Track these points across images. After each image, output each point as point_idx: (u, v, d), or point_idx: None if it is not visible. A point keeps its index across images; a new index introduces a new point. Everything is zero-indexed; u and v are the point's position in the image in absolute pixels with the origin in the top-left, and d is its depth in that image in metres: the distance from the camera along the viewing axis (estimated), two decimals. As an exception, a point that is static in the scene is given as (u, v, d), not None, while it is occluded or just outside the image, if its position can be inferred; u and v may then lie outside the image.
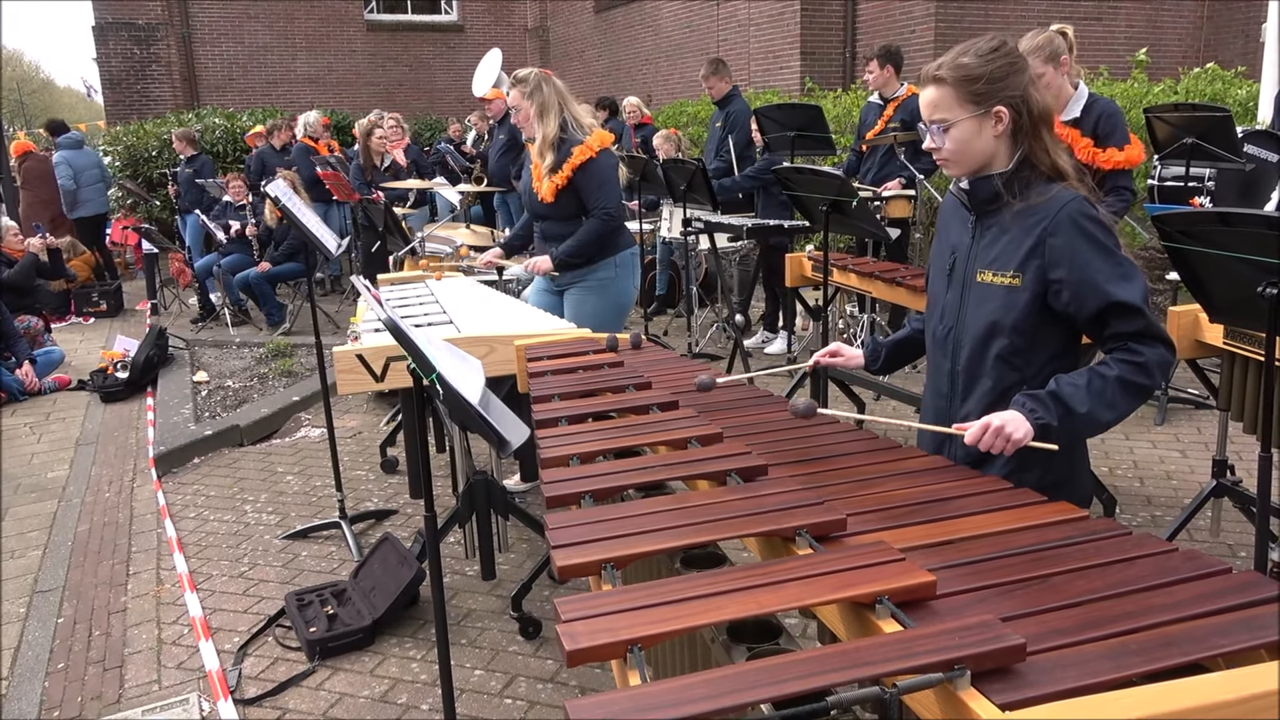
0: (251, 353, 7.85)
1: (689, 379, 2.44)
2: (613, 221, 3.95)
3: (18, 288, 7.92)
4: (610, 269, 4.01)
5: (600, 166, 3.88)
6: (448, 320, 3.61)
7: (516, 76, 3.98)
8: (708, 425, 1.90)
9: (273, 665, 3.22)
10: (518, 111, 3.99)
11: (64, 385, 7.17)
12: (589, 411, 2.09)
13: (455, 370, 1.96)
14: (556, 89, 3.94)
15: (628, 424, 2.00)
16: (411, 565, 3.47)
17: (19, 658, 3.39)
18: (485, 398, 1.98)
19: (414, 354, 1.66)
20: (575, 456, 1.79)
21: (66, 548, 4.33)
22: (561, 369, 2.50)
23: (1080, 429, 1.74)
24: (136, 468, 5.35)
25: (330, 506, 4.45)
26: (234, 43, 15.05)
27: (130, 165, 11.81)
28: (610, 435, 1.90)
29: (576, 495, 1.60)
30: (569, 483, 1.64)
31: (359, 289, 1.79)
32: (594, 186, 3.90)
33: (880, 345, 2.20)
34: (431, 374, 1.66)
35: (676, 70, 12.99)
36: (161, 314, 9.77)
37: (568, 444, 1.85)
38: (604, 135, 3.94)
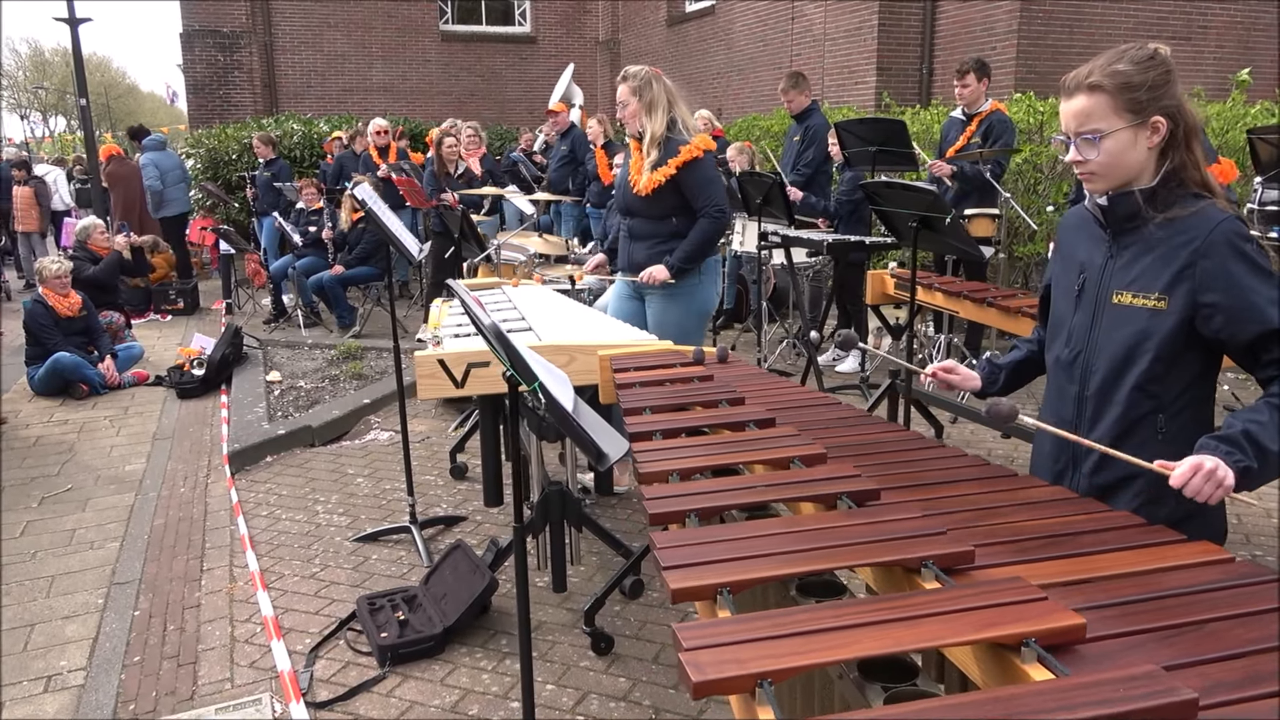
0: (323, 354, 7.95)
1: (781, 395, 2.36)
2: (724, 219, 3.92)
3: (102, 285, 8.14)
4: (694, 275, 3.95)
5: (706, 166, 3.87)
6: (527, 328, 3.58)
7: (626, 72, 3.96)
8: (811, 444, 1.82)
9: (344, 669, 3.21)
10: (624, 107, 3.96)
11: (142, 380, 7.34)
12: (683, 426, 2.02)
13: (550, 380, 1.91)
14: (666, 88, 3.92)
15: (726, 440, 1.93)
16: (484, 574, 3.44)
17: (97, 649, 3.43)
18: (579, 408, 1.93)
19: (515, 362, 1.61)
20: (675, 473, 1.73)
21: (143, 541, 4.39)
22: (650, 381, 2.44)
23: (1274, 469, 1.61)
24: (210, 464, 5.43)
25: (400, 510, 4.45)
26: (313, 51, 15.39)
27: (211, 168, 12.12)
28: (709, 452, 1.83)
29: (681, 514, 1.53)
30: (672, 500, 1.57)
31: (458, 293, 1.75)
32: (703, 185, 3.87)
33: (998, 368, 2.08)
34: (534, 383, 1.61)
35: (748, 84, 12.92)
36: (235, 313, 9.97)
37: (666, 459, 1.79)
38: (708, 139, 3.91)
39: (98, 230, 8.57)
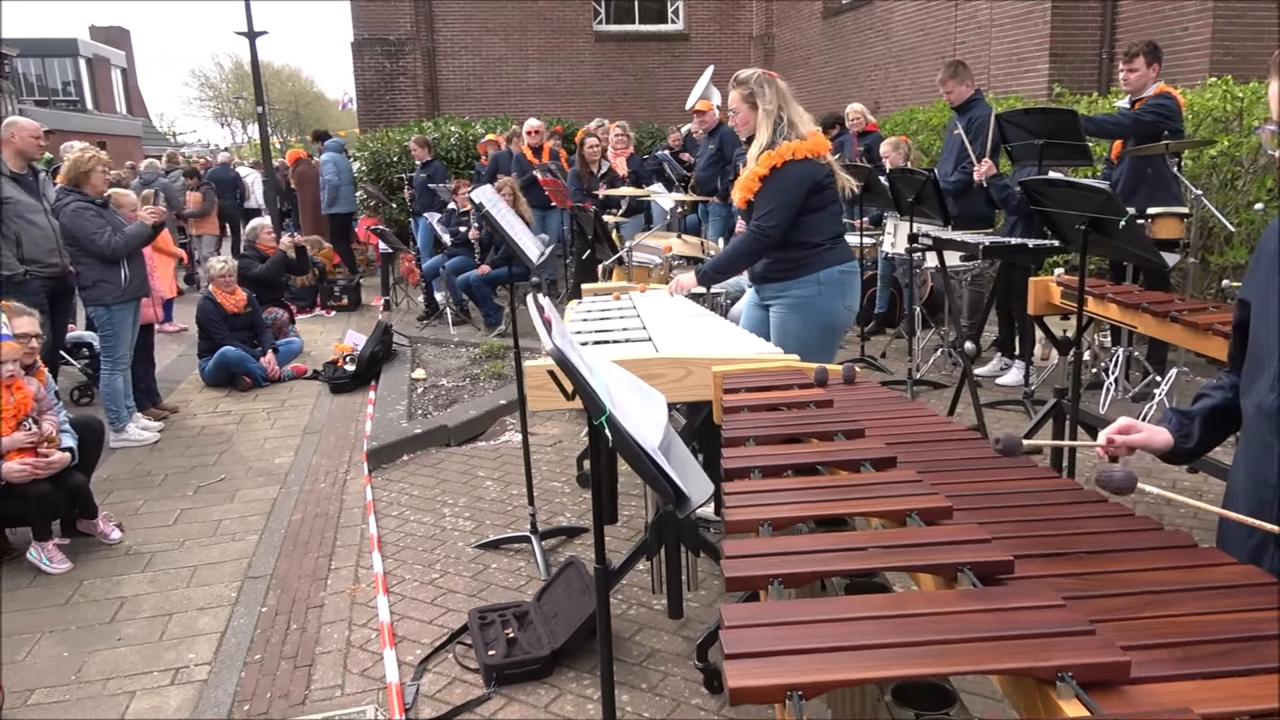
0: (468, 352, 8.08)
1: (909, 426, 2.08)
2: (764, 240, 3.62)
3: (268, 282, 8.56)
4: (811, 286, 3.65)
5: (782, 177, 3.55)
6: (646, 337, 3.40)
7: (738, 78, 3.73)
8: (933, 496, 1.55)
9: (449, 685, 3.13)
10: (735, 114, 3.75)
11: (300, 374, 7.65)
12: (788, 463, 1.78)
13: (635, 407, 1.71)
14: (779, 91, 3.65)
15: (834, 484, 1.67)
16: (593, 596, 3.28)
17: (224, 644, 3.50)
18: (668, 439, 1.72)
19: (583, 392, 1.43)
20: (767, 523, 1.50)
21: (280, 535, 4.49)
22: (760, 404, 2.20)
23: None
24: (351, 460, 5.55)
25: (524, 518, 4.37)
26: (472, 55, 15.81)
27: (374, 170, 12.62)
28: (812, 498, 1.59)
29: (764, 579, 1.30)
30: (756, 560, 1.34)
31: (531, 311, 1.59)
32: (765, 194, 3.59)
33: (1188, 418, 1.70)
34: (600, 416, 1.42)
35: (907, 75, 12.30)
36: (393, 310, 10.32)
37: (759, 505, 1.55)
38: (812, 144, 3.60)
39: (265, 231, 9.03)
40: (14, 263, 5.47)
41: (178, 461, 5.66)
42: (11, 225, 5.47)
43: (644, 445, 1.48)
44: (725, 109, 3.90)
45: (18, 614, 3.77)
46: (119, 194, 6.32)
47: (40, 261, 5.59)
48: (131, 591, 3.94)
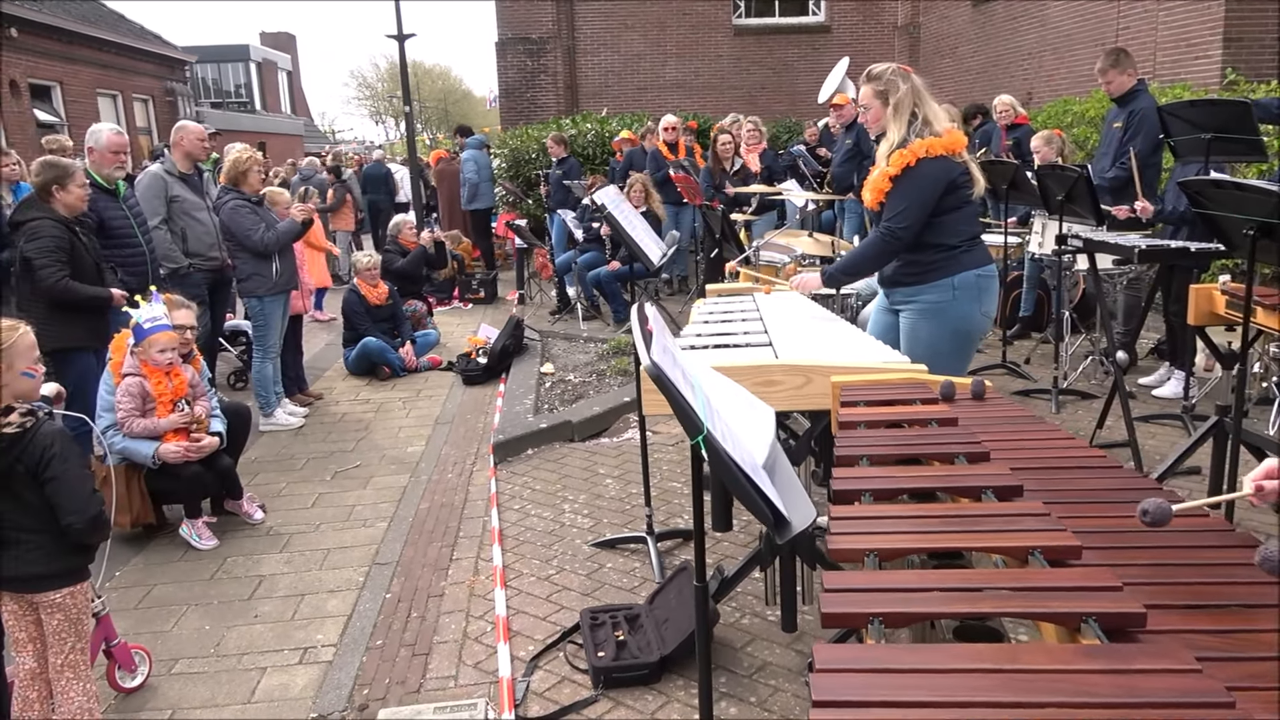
0: (596, 348, 8.14)
1: (1040, 450, 1.93)
2: (893, 243, 3.44)
3: (408, 275, 8.89)
4: (945, 291, 3.47)
5: (914, 176, 3.37)
6: (767, 342, 3.31)
7: (870, 73, 3.58)
8: (1061, 533, 1.42)
9: (558, 685, 3.14)
10: (867, 110, 3.60)
11: (436, 365, 7.91)
12: (903, 487, 1.68)
13: (739, 423, 1.65)
14: (913, 86, 3.48)
15: (952, 513, 1.56)
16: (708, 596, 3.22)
17: (349, 627, 3.64)
18: (773, 457, 1.65)
19: (679, 410, 1.37)
20: (873, 553, 1.41)
21: (407, 523, 4.64)
22: (879, 420, 2.10)
23: None
24: (479, 452, 5.68)
25: (642, 518, 4.35)
26: (611, 52, 15.95)
27: (513, 166, 12.92)
28: (926, 528, 1.48)
29: (864, 616, 1.22)
30: (857, 596, 1.26)
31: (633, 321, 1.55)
32: (896, 194, 3.41)
33: None
34: (696, 436, 1.36)
35: (1063, 64, 11.62)
36: (526, 304, 10.53)
37: (867, 533, 1.46)
38: (947, 141, 3.41)
39: (407, 226, 9.37)
40: (179, 256, 5.86)
41: (319, 447, 5.94)
42: (178, 222, 5.86)
43: (744, 466, 1.42)
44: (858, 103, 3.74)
45: (168, 586, 4.03)
46: (273, 192, 6.68)
47: (202, 255, 5.97)
48: (269, 571, 4.15)
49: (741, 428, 1.61)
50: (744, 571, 3.22)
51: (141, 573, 4.17)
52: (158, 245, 5.60)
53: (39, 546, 2.44)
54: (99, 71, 19.13)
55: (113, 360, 4.39)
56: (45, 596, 2.49)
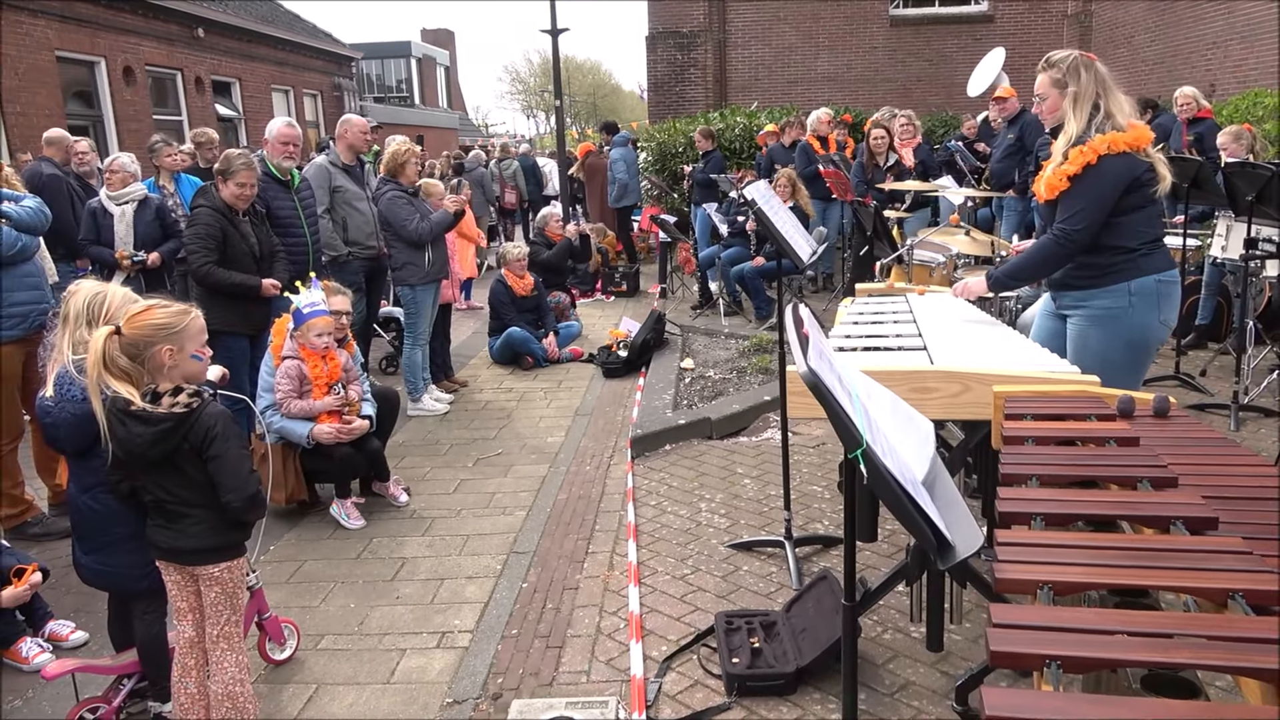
0: (737, 344, 8.04)
1: (1237, 477, 1.72)
2: (1068, 246, 3.16)
3: (553, 268, 9.02)
4: (1120, 297, 3.19)
5: (1096, 174, 3.09)
6: (921, 346, 3.14)
7: (1049, 60, 3.34)
8: (1265, 575, 1.24)
9: (691, 688, 3.08)
10: (1042, 100, 3.35)
11: (577, 357, 7.99)
12: (1079, 512, 1.52)
13: (899, 436, 1.53)
14: (1096, 75, 3.22)
15: (1136, 545, 1.40)
16: (847, 615, 3.09)
17: (485, 615, 3.69)
18: (933, 474, 1.53)
19: (837, 421, 1.28)
20: (1047, 586, 1.27)
21: (545, 514, 4.68)
22: (1049, 436, 1.92)
23: None
24: (617, 446, 5.68)
25: (780, 521, 4.24)
26: (763, 45, 15.74)
27: (659, 160, 12.92)
28: (1106, 560, 1.33)
29: (1039, 658, 1.09)
30: (1030, 635, 1.13)
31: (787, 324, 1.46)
32: (1073, 194, 3.14)
33: None
34: (855, 450, 1.26)
35: (1253, 53, 10.66)
36: (668, 298, 10.52)
37: (1039, 563, 1.33)
38: (1132, 136, 3.12)
39: (554, 219, 9.51)
40: (340, 244, 6.12)
41: (463, 433, 6.09)
42: (340, 211, 6.12)
43: (904, 483, 1.31)
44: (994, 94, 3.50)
45: (317, 563, 4.20)
46: (428, 184, 6.88)
47: (360, 244, 6.22)
48: (411, 553, 4.27)
49: (901, 441, 1.50)
50: (888, 585, 3.06)
51: (294, 548, 4.37)
52: (321, 233, 5.87)
53: (201, 521, 2.56)
54: (274, 68, 20.36)
55: (273, 343, 4.61)
56: (204, 570, 2.61)
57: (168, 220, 6.16)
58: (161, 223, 6.10)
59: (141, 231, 5.96)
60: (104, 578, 2.85)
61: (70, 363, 2.64)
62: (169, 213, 6.26)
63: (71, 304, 2.71)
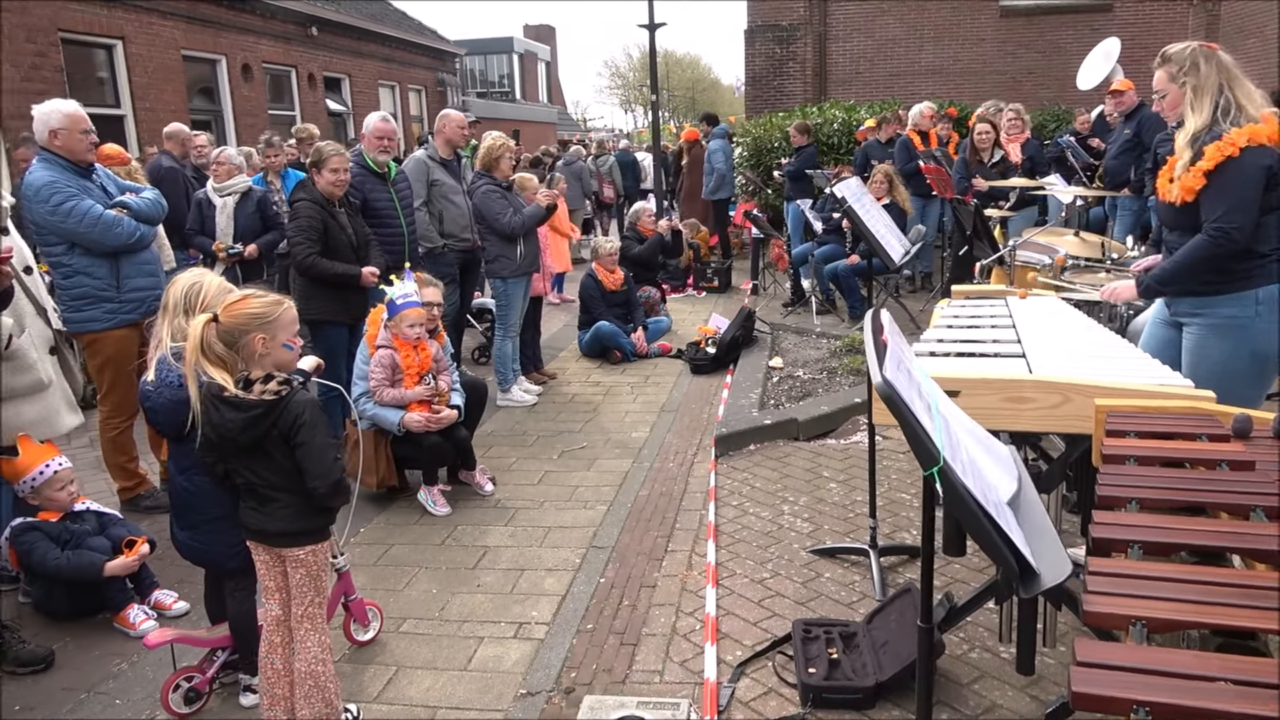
0: (828, 344, 7.89)
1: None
2: (1228, 244, 2.94)
3: (644, 263, 9.02)
4: (1246, 305, 2.98)
5: (1237, 168, 2.89)
6: (1019, 352, 3.01)
7: (1165, 54, 3.15)
8: (1401, 626, 1.12)
9: (764, 696, 3.03)
10: (1162, 98, 3.17)
11: (665, 352, 7.96)
12: (1182, 542, 1.41)
13: (984, 452, 1.45)
14: (1220, 66, 3.02)
15: (1246, 583, 1.29)
16: (931, 630, 2.98)
17: (562, 608, 3.70)
18: (1020, 494, 1.44)
19: (913, 437, 1.21)
20: (1140, 623, 1.18)
21: (626, 509, 4.67)
22: (1152, 456, 1.80)
23: None
24: (701, 443, 5.64)
25: (865, 528, 4.13)
26: (865, 37, 15.40)
27: (754, 155, 12.78)
28: (1210, 599, 1.23)
29: (1126, 703, 1.01)
30: (1118, 676, 1.05)
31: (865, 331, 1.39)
32: (1219, 191, 2.94)
33: None
34: (932, 467, 1.20)
35: None
36: (760, 295, 10.40)
37: (1133, 596, 1.24)
38: (1269, 128, 2.91)
39: (646, 214, 9.50)
40: (435, 236, 6.23)
41: (549, 425, 6.14)
42: (437, 204, 6.23)
43: (985, 504, 1.23)
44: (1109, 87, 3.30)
45: (404, 547, 4.29)
46: (523, 178, 6.96)
47: (456, 236, 6.32)
48: (494, 542, 4.32)
49: (985, 458, 1.42)
50: (976, 602, 2.94)
51: (383, 532, 4.48)
52: (417, 225, 5.98)
53: (288, 506, 2.63)
54: (382, 65, 20.93)
55: (368, 332, 4.73)
56: (291, 552, 2.69)
57: (268, 212, 6.37)
58: (262, 215, 6.30)
59: (242, 223, 6.17)
60: (197, 554, 2.96)
61: (169, 349, 2.75)
62: (270, 205, 6.47)
63: (171, 293, 2.82)
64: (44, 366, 3.76)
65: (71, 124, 4.22)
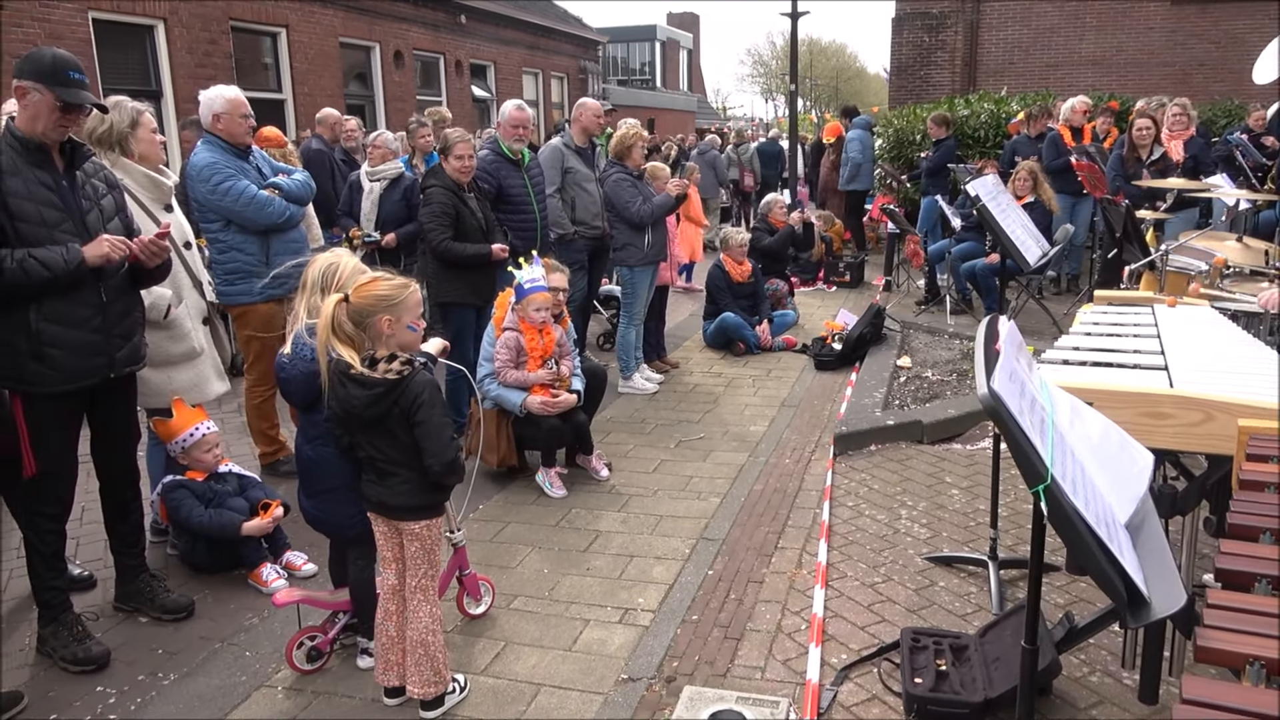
0: (961, 345, 7.62)
1: None
2: None
3: (774, 255, 8.92)
4: None
5: None
6: (1162, 365, 2.83)
7: None
8: None
9: (867, 702, 2.97)
10: None
11: (790, 346, 7.86)
12: (1318, 580, 1.30)
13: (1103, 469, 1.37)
14: None
15: (1387, 630, 1.18)
16: (1048, 650, 2.85)
17: (669, 597, 3.72)
18: (1139, 516, 1.36)
19: (1018, 451, 1.16)
20: (1258, 663, 1.10)
21: (739, 503, 4.65)
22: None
23: None
24: (819, 441, 5.55)
25: (985, 538, 3.98)
26: (1020, 26, 14.72)
27: (895, 147, 12.41)
28: (1342, 644, 1.13)
29: (1232, 750, 0.94)
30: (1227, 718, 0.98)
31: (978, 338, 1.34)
32: None
33: None
34: (1038, 485, 1.14)
35: None
36: (892, 291, 10.13)
37: (1253, 633, 1.15)
38: None
39: (778, 205, 9.39)
40: (567, 223, 6.34)
41: (668, 414, 6.17)
42: (569, 192, 6.34)
43: (1094, 526, 1.17)
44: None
45: (519, 526, 4.41)
46: (654, 167, 6.99)
47: (587, 224, 6.41)
48: (606, 527, 4.38)
49: (1103, 476, 1.34)
50: (1098, 625, 2.80)
51: (500, 509, 4.61)
52: (550, 212, 6.10)
53: (406, 481, 2.75)
54: (526, 52, 21.41)
55: (495, 315, 4.86)
56: (407, 525, 2.81)
57: (414, 201, 6.52)
58: (407, 203, 6.46)
59: (385, 210, 6.39)
60: (319, 521, 3.13)
61: (304, 325, 2.91)
62: (417, 193, 6.63)
63: (309, 272, 2.98)
64: (197, 336, 4.04)
65: (233, 109, 4.50)
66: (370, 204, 6.41)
